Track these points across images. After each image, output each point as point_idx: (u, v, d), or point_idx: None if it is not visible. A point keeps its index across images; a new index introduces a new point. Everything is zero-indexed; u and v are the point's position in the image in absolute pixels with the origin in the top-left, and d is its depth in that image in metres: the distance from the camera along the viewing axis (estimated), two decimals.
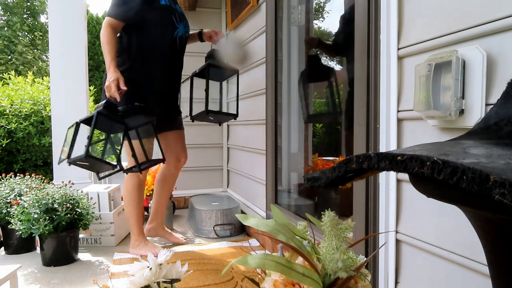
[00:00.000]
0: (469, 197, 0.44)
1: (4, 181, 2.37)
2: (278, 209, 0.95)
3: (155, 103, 2.11)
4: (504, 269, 0.55)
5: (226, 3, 3.31)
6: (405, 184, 1.12)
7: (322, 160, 2.40)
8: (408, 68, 1.10)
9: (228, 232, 2.65)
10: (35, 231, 1.95)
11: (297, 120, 2.43)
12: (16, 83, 3.80)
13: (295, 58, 2.42)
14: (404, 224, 1.12)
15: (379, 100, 1.19)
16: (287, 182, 2.44)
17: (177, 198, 3.40)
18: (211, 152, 3.49)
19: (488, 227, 0.55)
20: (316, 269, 0.74)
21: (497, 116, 0.63)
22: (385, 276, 1.19)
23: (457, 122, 0.90)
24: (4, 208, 2.19)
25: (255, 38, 2.59)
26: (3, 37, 12.92)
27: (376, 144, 1.22)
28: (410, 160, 0.44)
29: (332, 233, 0.74)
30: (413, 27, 1.08)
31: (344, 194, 1.98)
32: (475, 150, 0.50)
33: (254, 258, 0.71)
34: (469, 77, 0.87)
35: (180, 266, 1.05)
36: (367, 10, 1.26)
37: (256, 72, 2.60)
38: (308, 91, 2.31)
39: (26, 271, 2.02)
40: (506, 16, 0.80)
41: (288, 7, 2.38)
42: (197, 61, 3.36)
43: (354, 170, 0.51)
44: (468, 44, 0.90)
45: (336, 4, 2.45)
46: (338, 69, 2.28)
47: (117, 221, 2.46)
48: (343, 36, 1.95)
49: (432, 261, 1.03)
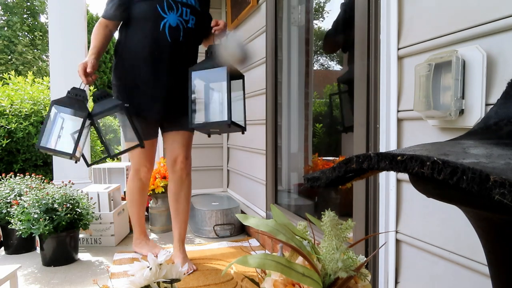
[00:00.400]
0: (469, 197, 0.44)
1: (4, 181, 2.37)
2: (278, 209, 0.95)
3: (144, 100, 1.97)
4: (504, 269, 0.55)
5: (226, 3, 3.31)
6: (405, 184, 1.12)
7: (322, 160, 2.41)
8: (408, 68, 1.10)
9: (228, 232, 2.65)
10: (35, 231, 1.95)
11: (297, 120, 2.43)
12: (16, 83, 3.80)
13: (295, 58, 2.42)
14: (404, 224, 1.12)
15: (379, 100, 1.19)
16: (287, 182, 2.44)
17: None
18: (211, 152, 3.49)
19: (488, 227, 0.55)
20: (316, 269, 0.74)
21: (497, 116, 0.63)
22: (385, 276, 1.19)
23: (457, 122, 0.90)
24: (4, 208, 2.19)
25: (255, 38, 2.59)
26: (3, 37, 12.93)
27: (376, 144, 1.22)
28: (410, 160, 0.44)
29: (332, 233, 0.74)
30: (413, 27, 1.08)
31: (344, 194, 1.98)
32: (475, 150, 0.50)
33: (254, 258, 0.71)
34: (469, 77, 0.87)
35: (180, 266, 1.04)
36: (367, 10, 1.26)
37: (256, 72, 2.60)
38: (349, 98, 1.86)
39: (26, 271, 2.02)
40: (506, 16, 0.80)
41: (288, 7, 2.38)
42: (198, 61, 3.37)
43: (354, 170, 0.51)
44: (468, 44, 0.90)
45: (336, 4, 2.45)
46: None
47: (117, 221, 2.46)
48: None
49: (432, 261, 1.03)
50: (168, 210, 2.75)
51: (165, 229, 2.75)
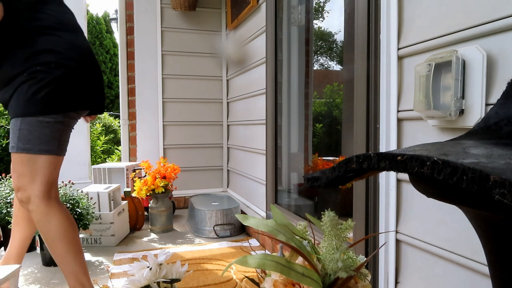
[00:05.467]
0: (469, 197, 0.44)
1: (4, 181, 2.37)
2: (278, 209, 0.95)
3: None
4: (504, 269, 0.55)
5: (226, 3, 3.31)
6: (405, 184, 1.12)
7: (322, 160, 2.41)
8: (408, 68, 1.10)
9: (228, 232, 2.65)
10: None
11: (297, 120, 2.43)
12: None
13: (295, 58, 2.42)
14: (404, 224, 1.12)
15: (379, 100, 1.19)
16: (287, 182, 2.44)
17: (177, 198, 3.40)
18: (211, 152, 3.49)
19: (488, 227, 0.55)
20: (316, 269, 0.74)
21: (497, 116, 0.63)
22: (385, 276, 1.19)
23: (457, 122, 0.90)
24: (4, 208, 2.19)
25: (255, 38, 2.59)
26: None
27: (376, 144, 1.22)
28: (410, 160, 0.44)
29: (332, 233, 0.74)
30: (413, 27, 1.08)
31: (344, 194, 1.98)
32: (475, 150, 0.50)
33: (254, 258, 0.71)
34: (469, 77, 0.87)
35: (180, 266, 1.05)
36: (367, 10, 1.26)
37: (256, 72, 2.60)
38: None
39: (26, 271, 2.02)
40: (506, 16, 0.80)
41: (288, 7, 2.39)
42: (198, 60, 3.38)
43: (354, 170, 0.51)
44: (468, 44, 0.90)
45: (336, 4, 2.45)
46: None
47: (117, 221, 2.46)
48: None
49: (432, 261, 1.03)
50: (168, 210, 2.75)
51: (165, 229, 2.75)
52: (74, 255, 1.44)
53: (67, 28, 1.46)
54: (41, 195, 1.38)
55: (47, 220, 1.40)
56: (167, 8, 3.29)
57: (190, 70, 3.37)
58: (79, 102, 1.45)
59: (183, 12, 3.30)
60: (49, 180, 1.40)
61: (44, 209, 1.39)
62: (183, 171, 3.15)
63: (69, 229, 1.43)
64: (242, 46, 1.72)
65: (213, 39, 3.40)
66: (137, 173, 2.91)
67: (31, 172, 1.37)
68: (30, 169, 1.37)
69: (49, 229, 1.41)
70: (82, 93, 1.45)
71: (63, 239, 1.42)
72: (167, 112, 3.34)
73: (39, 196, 1.38)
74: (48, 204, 1.40)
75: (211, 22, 3.40)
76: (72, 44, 1.44)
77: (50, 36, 1.40)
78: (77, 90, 1.43)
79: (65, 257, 1.43)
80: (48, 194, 1.40)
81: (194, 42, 3.36)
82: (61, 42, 1.40)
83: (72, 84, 1.41)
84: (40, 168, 1.37)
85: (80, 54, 1.45)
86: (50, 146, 1.38)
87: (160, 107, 3.32)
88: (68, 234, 1.43)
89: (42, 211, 1.39)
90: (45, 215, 1.40)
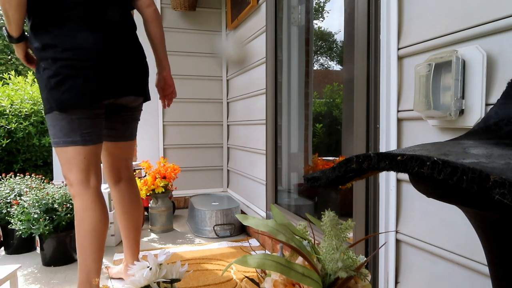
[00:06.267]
0: (469, 197, 0.44)
1: (4, 181, 2.37)
2: (278, 209, 0.95)
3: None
4: (504, 269, 0.55)
5: (226, 3, 3.31)
6: (405, 184, 1.12)
7: (322, 160, 2.41)
8: (408, 68, 1.10)
9: (228, 232, 2.65)
10: (35, 231, 1.96)
11: (297, 120, 2.43)
12: (16, 83, 3.80)
13: (295, 58, 2.42)
14: (404, 224, 1.12)
15: (379, 100, 1.19)
16: (287, 182, 2.44)
17: (177, 198, 3.40)
18: (211, 152, 3.49)
19: (488, 227, 0.55)
20: (316, 269, 0.74)
21: (497, 116, 0.63)
22: (385, 276, 1.19)
23: (457, 122, 0.90)
24: (4, 208, 2.19)
25: (255, 38, 2.59)
26: (3, 37, 12.92)
27: (376, 144, 1.22)
28: (410, 160, 0.44)
29: (332, 233, 0.74)
30: (413, 27, 1.08)
31: (344, 194, 1.98)
32: (475, 150, 0.50)
33: (254, 258, 0.71)
34: (469, 77, 0.87)
35: (180, 266, 1.05)
36: (367, 10, 1.26)
37: (256, 72, 2.60)
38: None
39: (26, 271, 2.02)
40: (506, 16, 0.80)
41: (288, 7, 2.38)
42: (198, 60, 3.38)
43: (354, 170, 0.51)
44: (468, 44, 0.90)
45: (336, 4, 2.45)
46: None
47: (117, 221, 2.46)
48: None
49: (432, 261, 1.03)
50: (168, 210, 2.75)
51: (165, 229, 2.75)
52: (95, 251, 1.48)
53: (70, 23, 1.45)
54: (79, 183, 1.46)
55: (83, 210, 1.47)
56: (167, 8, 3.29)
57: (190, 70, 3.37)
58: (85, 95, 1.43)
59: (183, 12, 3.30)
60: (83, 169, 1.46)
61: (82, 197, 1.47)
62: (183, 171, 3.15)
63: (100, 224, 1.48)
64: (242, 46, 1.72)
65: (213, 39, 3.39)
66: (137, 173, 2.91)
67: (66, 163, 1.46)
68: (65, 160, 1.46)
69: (83, 219, 1.47)
70: (87, 85, 1.43)
71: (92, 233, 1.47)
72: (167, 112, 3.34)
73: (77, 184, 1.46)
74: (86, 193, 1.47)
75: (211, 22, 3.40)
76: (72, 39, 1.42)
77: (51, 33, 1.42)
78: (79, 83, 1.41)
79: (86, 250, 1.47)
80: (86, 183, 1.47)
81: (194, 42, 3.36)
82: (61, 38, 1.42)
83: (74, 78, 1.41)
84: (71, 159, 1.45)
85: (79, 47, 1.42)
86: (72, 137, 1.44)
87: (160, 107, 3.32)
88: (98, 231, 1.48)
89: (81, 199, 1.47)
90: (83, 203, 1.47)
